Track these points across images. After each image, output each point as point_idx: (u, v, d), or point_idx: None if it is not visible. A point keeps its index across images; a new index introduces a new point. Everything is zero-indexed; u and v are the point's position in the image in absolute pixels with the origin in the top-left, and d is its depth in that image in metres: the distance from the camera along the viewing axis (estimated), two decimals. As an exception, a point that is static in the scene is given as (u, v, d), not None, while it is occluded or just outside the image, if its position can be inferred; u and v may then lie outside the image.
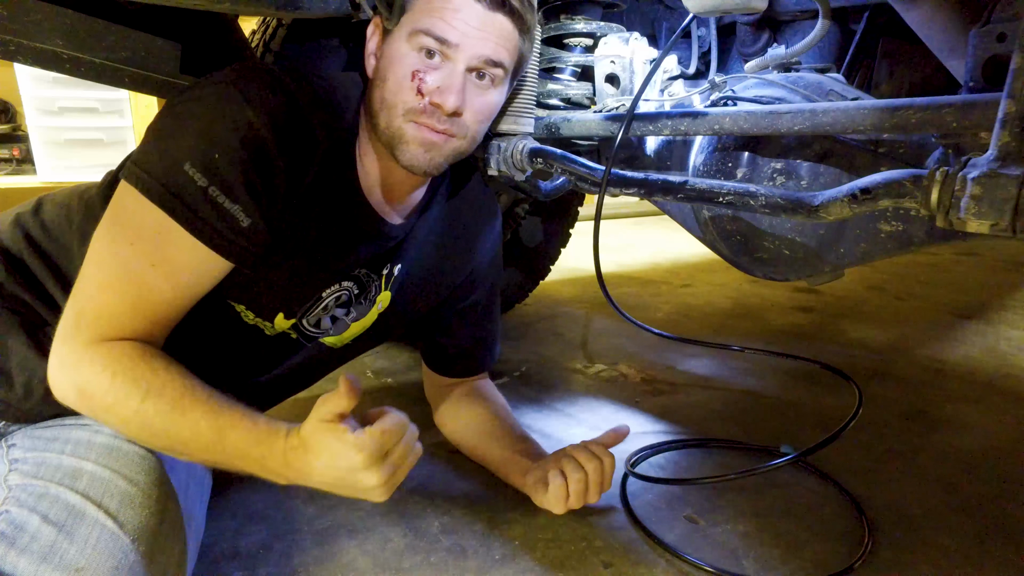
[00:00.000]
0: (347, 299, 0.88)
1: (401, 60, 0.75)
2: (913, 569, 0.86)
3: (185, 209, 0.67)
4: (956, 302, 2.22)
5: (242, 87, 0.70)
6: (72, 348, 0.67)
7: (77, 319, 0.68)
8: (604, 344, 1.77)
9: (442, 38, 0.73)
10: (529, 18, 0.79)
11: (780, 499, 1.02)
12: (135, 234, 0.68)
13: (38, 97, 2.71)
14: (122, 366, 0.67)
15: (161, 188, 0.67)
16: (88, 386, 0.67)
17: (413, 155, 0.78)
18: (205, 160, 0.67)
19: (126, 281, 0.68)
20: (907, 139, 0.81)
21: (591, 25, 1.10)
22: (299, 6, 0.82)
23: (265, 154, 0.70)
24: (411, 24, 0.74)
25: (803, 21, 1.12)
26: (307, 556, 0.87)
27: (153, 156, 0.68)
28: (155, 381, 0.67)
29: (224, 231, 0.69)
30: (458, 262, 1.02)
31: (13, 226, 0.80)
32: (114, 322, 0.68)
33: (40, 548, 0.60)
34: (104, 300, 0.68)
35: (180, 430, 0.67)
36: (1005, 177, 0.56)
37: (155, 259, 0.68)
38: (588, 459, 0.91)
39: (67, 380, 0.68)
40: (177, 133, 0.69)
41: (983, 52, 0.68)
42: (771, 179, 0.91)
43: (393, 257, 0.90)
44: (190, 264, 0.70)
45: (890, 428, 1.27)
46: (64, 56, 0.98)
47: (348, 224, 0.82)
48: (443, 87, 0.74)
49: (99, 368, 0.66)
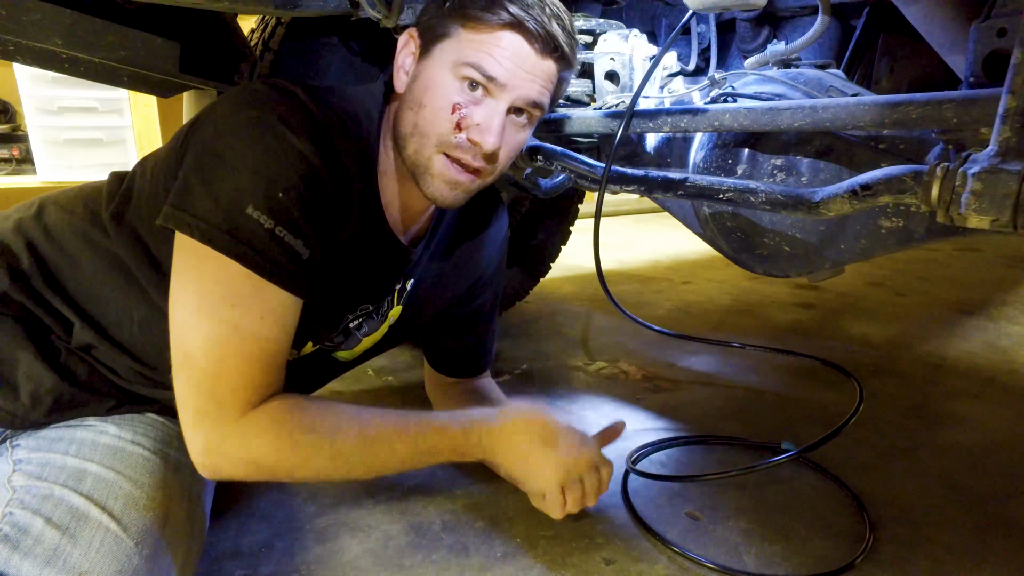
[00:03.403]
0: (363, 318, 0.88)
1: (442, 89, 0.72)
2: (914, 565, 0.86)
3: (259, 257, 0.65)
4: (957, 298, 2.22)
5: (279, 113, 0.67)
6: (222, 429, 0.66)
7: (211, 398, 0.65)
8: (605, 341, 1.77)
9: (491, 76, 0.71)
10: (574, 58, 0.77)
11: (781, 495, 1.02)
12: (232, 294, 0.65)
13: (37, 97, 2.70)
14: (291, 424, 0.67)
15: (229, 238, 0.64)
16: (265, 457, 0.67)
17: (438, 189, 0.76)
18: (267, 199, 0.65)
19: (245, 343, 0.66)
20: (907, 135, 0.81)
21: (591, 22, 1.10)
22: (298, 4, 0.82)
23: (321, 185, 0.69)
24: (457, 54, 0.72)
25: (803, 17, 1.12)
26: (309, 555, 0.87)
27: (207, 202, 0.65)
28: (329, 423, 0.70)
29: (293, 269, 0.68)
30: (467, 269, 1.01)
31: (15, 232, 0.78)
32: (251, 386, 0.67)
33: (44, 551, 0.60)
34: (233, 370, 0.66)
35: (376, 455, 0.71)
36: (1006, 172, 0.56)
37: (261, 312, 0.67)
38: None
39: (232, 459, 0.67)
40: (228, 174, 0.66)
41: (983, 47, 0.68)
42: (771, 175, 0.91)
43: (408, 274, 0.90)
44: (284, 304, 0.69)
45: (891, 424, 1.27)
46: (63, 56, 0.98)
47: (375, 252, 0.81)
48: (483, 126, 0.72)
49: (270, 436, 0.66)
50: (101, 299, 0.76)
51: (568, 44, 0.74)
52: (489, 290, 1.07)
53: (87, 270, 0.76)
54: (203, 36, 1.05)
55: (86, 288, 0.76)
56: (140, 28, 0.96)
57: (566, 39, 0.73)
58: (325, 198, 0.70)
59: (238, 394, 0.66)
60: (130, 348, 0.77)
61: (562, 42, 0.73)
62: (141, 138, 2.87)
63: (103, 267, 0.76)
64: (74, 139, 2.81)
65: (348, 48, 1.22)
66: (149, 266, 0.75)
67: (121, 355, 0.76)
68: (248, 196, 0.65)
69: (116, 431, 0.76)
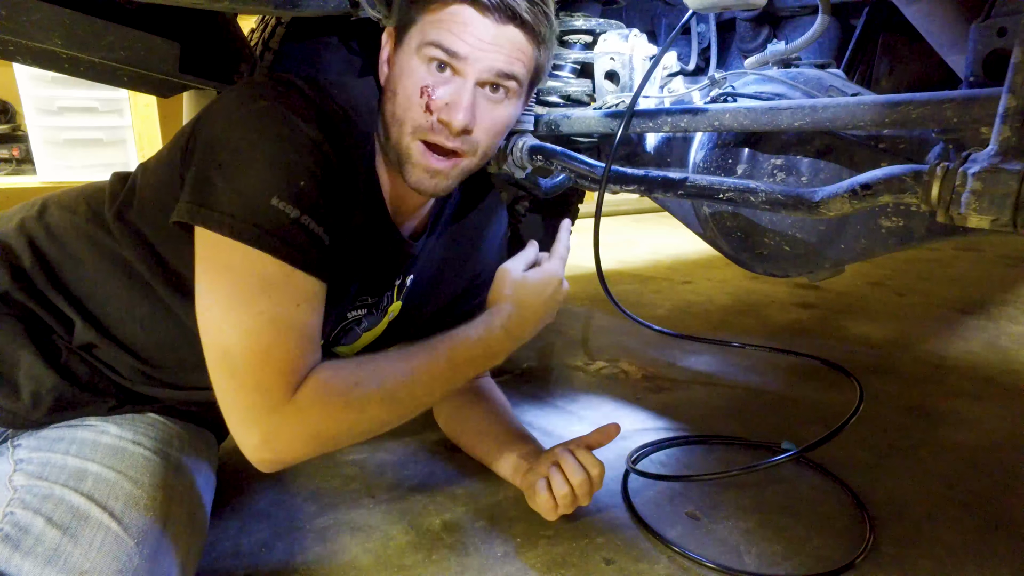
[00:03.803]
0: (363, 312, 0.88)
1: (411, 74, 0.73)
2: (914, 564, 0.86)
3: (288, 247, 0.65)
4: (957, 298, 2.22)
5: (288, 104, 0.68)
6: (277, 417, 0.65)
7: (258, 390, 0.65)
8: (605, 341, 1.77)
9: (452, 51, 0.70)
10: (543, 30, 0.76)
11: (782, 495, 1.02)
12: (266, 285, 0.65)
13: (37, 97, 2.71)
14: (338, 386, 0.68)
15: (258, 231, 0.64)
16: (324, 426, 0.68)
17: (419, 179, 0.77)
18: (291, 189, 0.65)
19: (284, 332, 0.66)
20: (907, 135, 0.81)
21: (590, 22, 1.10)
22: (298, 4, 0.82)
23: (333, 171, 0.70)
24: (420, 36, 0.72)
25: (803, 17, 1.11)
26: (309, 554, 0.87)
27: (231, 196, 0.65)
28: (369, 372, 0.72)
29: (318, 255, 0.69)
30: (466, 266, 1.02)
31: (18, 232, 0.78)
32: (295, 370, 0.67)
33: (44, 551, 0.60)
34: (276, 359, 0.66)
35: (420, 385, 0.74)
36: (1006, 172, 0.56)
37: (297, 298, 0.67)
38: (575, 471, 0.88)
39: (292, 442, 0.67)
40: (247, 167, 0.66)
41: (984, 47, 0.68)
42: (771, 175, 0.91)
43: (408, 268, 0.90)
44: (314, 290, 0.69)
45: (891, 424, 1.27)
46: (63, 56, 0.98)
47: (376, 243, 0.82)
48: (451, 103, 0.72)
49: (323, 404, 0.67)
50: (103, 297, 0.76)
51: (531, 11, 0.72)
52: (488, 288, 1.07)
53: (89, 268, 0.76)
54: (203, 36, 1.05)
55: (88, 286, 0.76)
56: (140, 28, 0.96)
57: (527, 6, 0.72)
58: (338, 185, 0.71)
59: (284, 379, 0.66)
60: (132, 346, 0.77)
61: (521, 10, 0.72)
62: (141, 138, 2.88)
63: (105, 265, 0.76)
64: (74, 139, 2.81)
65: (348, 48, 1.22)
66: (155, 264, 0.75)
67: (123, 353, 0.76)
68: (271, 187, 0.65)
69: (117, 431, 0.76)
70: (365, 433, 0.73)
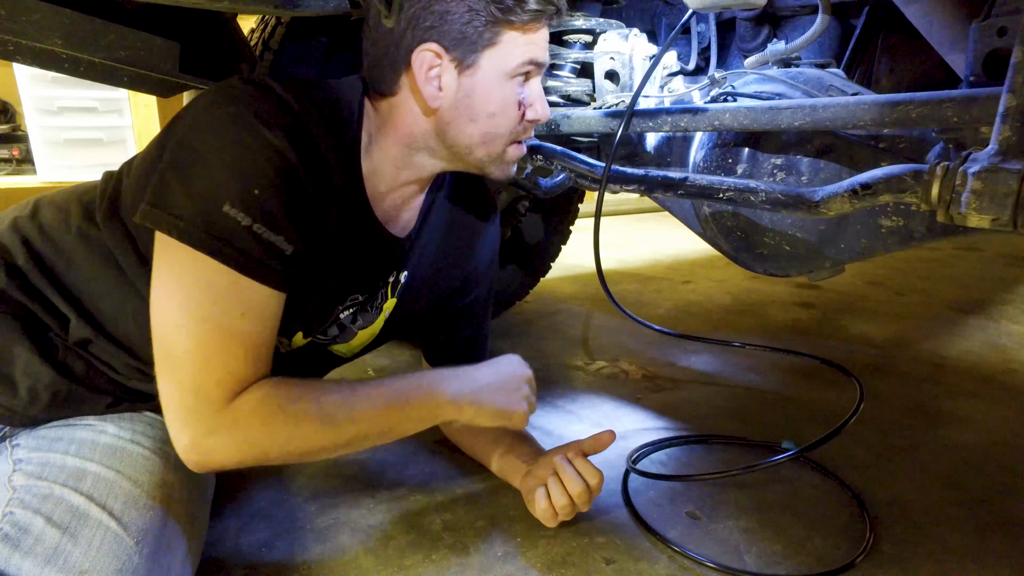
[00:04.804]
0: (355, 309, 0.88)
1: (505, 95, 0.77)
2: (915, 564, 0.86)
3: (237, 254, 0.65)
4: (957, 297, 2.22)
5: (255, 109, 0.67)
6: (208, 422, 0.65)
7: (195, 394, 0.65)
8: (605, 341, 1.77)
9: (541, 63, 0.78)
10: None
11: (782, 495, 1.02)
12: (212, 292, 0.66)
13: (37, 97, 2.70)
14: (277, 398, 0.68)
15: (206, 236, 0.64)
16: (255, 434, 0.67)
17: (510, 171, 0.84)
18: (244, 196, 0.65)
19: (227, 339, 0.66)
20: (908, 134, 0.81)
21: (590, 21, 1.10)
22: (298, 4, 0.82)
23: (298, 179, 0.69)
24: (512, 58, 0.75)
25: (803, 16, 1.12)
26: (309, 554, 0.87)
27: (184, 200, 0.65)
28: (314, 390, 0.72)
29: (273, 265, 0.68)
30: (459, 262, 1.02)
31: (11, 231, 0.78)
32: (235, 379, 0.67)
33: (44, 551, 0.60)
34: (217, 365, 0.66)
35: (361, 412, 0.73)
36: (1006, 172, 0.56)
37: (242, 307, 0.67)
38: (574, 482, 0.88)
39: (221, 447, 0.66)
40: (204, 170, 0.66)
41: (984, 46, 0.68)
42: (771, 175, 0.91)
43: (400, 265, 0.90)
44: (264, 299, 0.69)
45: (891, 423, 1.27)
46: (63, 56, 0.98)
47: (361, 241, 0.82)
48: (537, 105, 0.80)
49: (258, 413, 0.67)
50: (96, 294, 0.76)
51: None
52: (483, 284, 1.07)
53: (82, 266, 0.77)
54: (203, 36, 1.05)
55: (82, 283, 0.77)
56: (140, 28, 0.96)
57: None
58: (302, 192, 0.70)
59: (222, 386, 0.66)
60: (126, 343, 0.77)
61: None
62: (141, 138, 2.88)
63: (97, 262, 0.76)
64: (74, 139, 2.81)
65: (348, 48, 1.22)
66: (136, 261, 0.75)
67: (118, 350, 0.77)
68: (224, 193, 0.65)
69: (115, 430, 0.76)
70: (300, 453, 0.71)
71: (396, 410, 0.76)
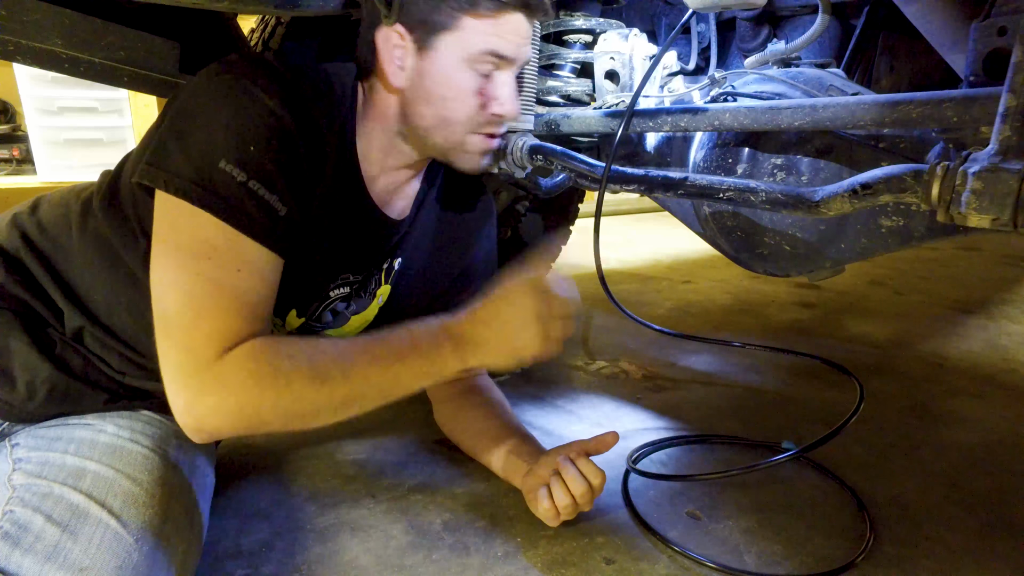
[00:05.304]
0: (348, 292, 0.88)
1: (460, 80, 0.77)
2: (915, 564, 0.86)
3: (232, 209, 0.66)
4: (957, 297, 2.22)
5: (251, 76, 0.69)
6: (199, 378, 0.64)
7: (188, 351, 0.65)
8: (605, 341, 1.77)
9: (507, 57, 0.77)
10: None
11: (782, 495, 1.02)
12: (207, 247, 0.66)
13: (38, 97, 2.71)
14: (268, 354, 0.66)
15: (202, 191, 0.65)
16: (246, 394, 0.65)
17: (476, 162, 0.84)
18: (239, 153, 0.66)
19: (222, 294, 0.66)
20: (908, 134, 0.81)
21: (590, 21, 1.10)
22: (298, 4, 0.82)
23: (292, 141, 0.70)
24: (469, 45, 0.75)
25: (803, 16, 1.12)
26: (309, 554, 0.87)
27: (181, 158, 0.66)
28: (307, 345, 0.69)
29: (268, 223, 0.68)
30: (454, 257, 1.03)
31: (10, 226, 0.80)
32: (227, 334, 0.66)
33: (44, 548, 0.61)
34: (207, 319, 0.65)
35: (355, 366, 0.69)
36: (1006, 171, 0.56)
37: (238, 263, 0.67)
38: (576, 482, 0.87)
39: (214, 408, 0.65)
40: (200, 130, 0.67)
41: (984, 46, 0.68)
42: (771, 175, 0.91)
43: (395, 251, 0.91)
44: (260, 258, 0.69)
45: (891, 423, 1.27)
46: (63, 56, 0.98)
47: (355, 219, 0.82)
48: (503, 99, 0.79)
49: (249, 369, 0.65)
50: (90, 283, 0.77)
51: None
52: (479, 281, 1.08)
53: (77, 257, 0.77)
54: (203, 36, 1.06)
55: (76, 274, 0.77)
56: (140, 28, 0.96)
57: None
58: (296, 153, 0.71)
59: (212, 341, 0.65)
60: (120, 334, 0.77)
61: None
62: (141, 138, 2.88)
63: (93, 252, 0.77)
64: (74, 139, 2.81)
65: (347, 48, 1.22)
66: (134, 245, 0.75)
67: (113, 341, 0.77)
68: (220, 150, 0.66)
69: (115, 429, 0.76)
70: (294, 414, 0.68)
71: (395, 363, 0.72)
